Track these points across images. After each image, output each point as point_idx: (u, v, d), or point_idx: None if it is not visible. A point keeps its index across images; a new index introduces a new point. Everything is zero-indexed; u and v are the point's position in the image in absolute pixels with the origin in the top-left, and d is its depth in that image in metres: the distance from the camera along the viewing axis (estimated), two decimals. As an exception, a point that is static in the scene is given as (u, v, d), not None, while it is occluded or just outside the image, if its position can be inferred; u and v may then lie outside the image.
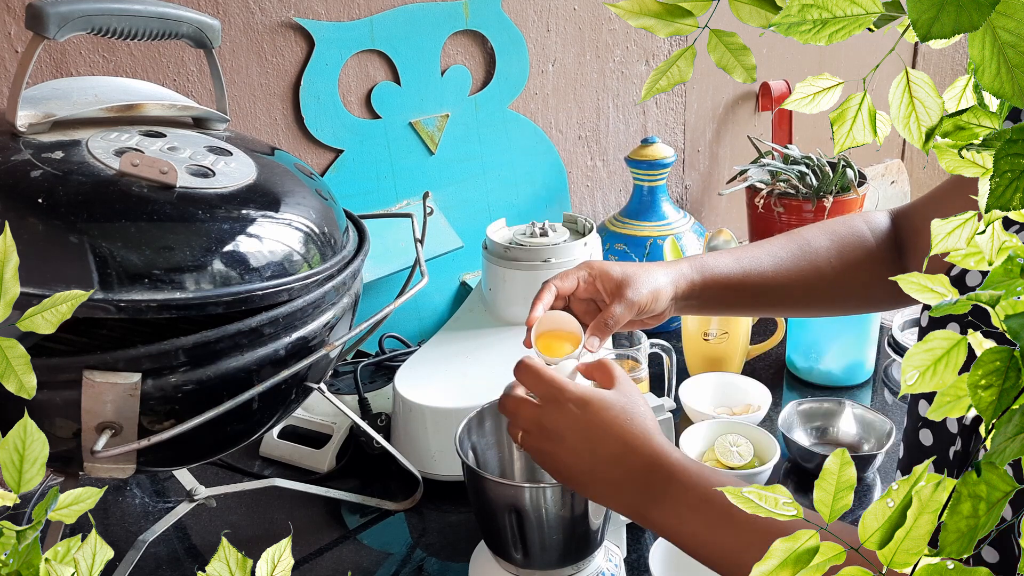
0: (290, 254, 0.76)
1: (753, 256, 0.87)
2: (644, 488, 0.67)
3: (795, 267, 0.87)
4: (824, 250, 0.88)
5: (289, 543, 0.44)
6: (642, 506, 0.67)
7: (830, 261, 0.87)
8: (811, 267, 0.87)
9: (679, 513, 0.65)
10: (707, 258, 0.87)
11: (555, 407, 0.69)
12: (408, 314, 1.34)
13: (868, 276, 0.88)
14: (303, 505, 1.02)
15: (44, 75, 1.01)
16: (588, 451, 0.68)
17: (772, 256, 0.87)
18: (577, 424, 0.68)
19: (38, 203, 0.68)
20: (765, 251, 0.88)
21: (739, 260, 0.87)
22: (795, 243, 0.89)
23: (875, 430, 1.08)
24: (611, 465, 0.68)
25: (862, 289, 0.89)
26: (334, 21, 1.20)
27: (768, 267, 0.87)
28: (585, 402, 0.69)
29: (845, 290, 0.89)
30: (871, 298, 0.91)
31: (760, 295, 0.87)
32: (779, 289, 0.87)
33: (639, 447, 0.68)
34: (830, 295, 0.89)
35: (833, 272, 0.87)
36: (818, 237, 0.89)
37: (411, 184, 1.32)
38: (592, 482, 0.69)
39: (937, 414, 0.33)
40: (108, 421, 0.69)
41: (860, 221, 0.90)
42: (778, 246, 0.88)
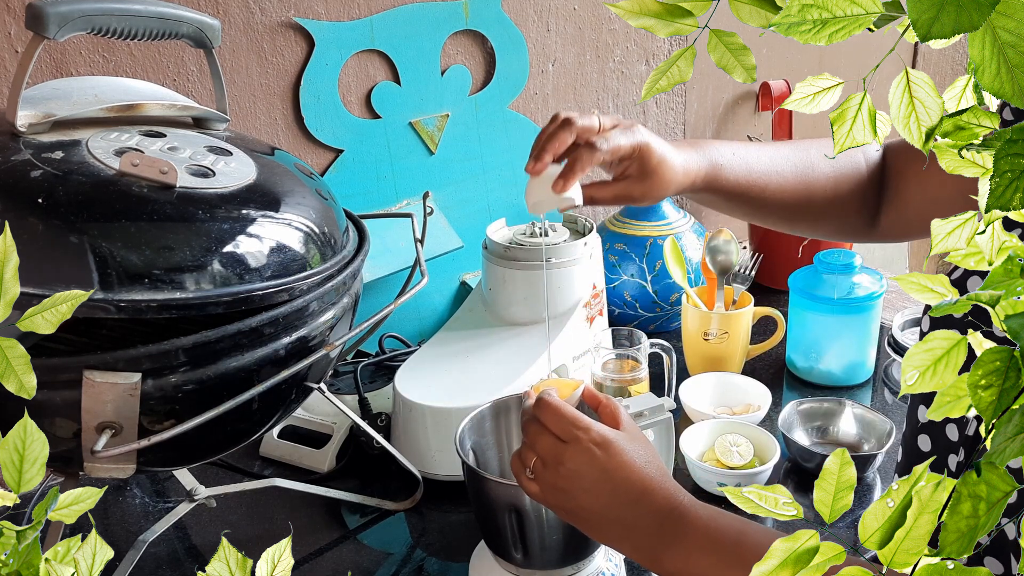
0: (290, 254, 0.76)
1: (763, 167, 0.92)
2: (658, 530, 0.66)
3: (792, 189, 0.93)
4: (823, 178, 0.94)
5: (289, 543, 0.44)
6: (654, 548, 0.66)
7: (824, 191, 0.93)
8: (807, 192, 0.93)
9: (689, 555, 0.65)
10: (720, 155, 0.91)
11: (576, 446, 0.68)
12: (408, 314, 1.34)
13: (852, 209, 0.95)
14: (303, 505, 1.02)
15: (44, 75, 1.01)
16: (607, 492, 0.67)
17: (778, 172, 0.92)
18: (596, 464, 0.68)
19: (38, 203, 0.68)
20: (775, 166, 0.93)
21: (750, 170, 0.91)
22: (802, 164, 0.94)
23: (875, 430, 1.08)
24: (628, 507, 0.67)
25: (843, 220, 0.96)
26: (334, 21, 1.20)
27: (772, 183, 0.92)
28: (607, 443, 0.68)
29: (829, 219, 0.96)
30: (847, 228, 0.98)
31: (755, 206, 0.94)
32: (774, 204, 0.93)
33: (657, 489, 0.67)
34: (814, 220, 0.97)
35: (825, 202, 0.94)
36: (821, 164, 0.94)
37: (411, 184, 1.32)
38: (605, 523, 0.68)
39: (937, 414, 0.33)
40: (108, 421, 0.69)
41: (859, 151, 0.96)
42: (786, 163, 0.93)
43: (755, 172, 0.91)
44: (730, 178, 0.90)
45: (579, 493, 0.68)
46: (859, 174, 0.93)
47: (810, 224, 0.98)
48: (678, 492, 0.68)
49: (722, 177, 0.90)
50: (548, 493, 0.70)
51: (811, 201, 0.93)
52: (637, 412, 0.85)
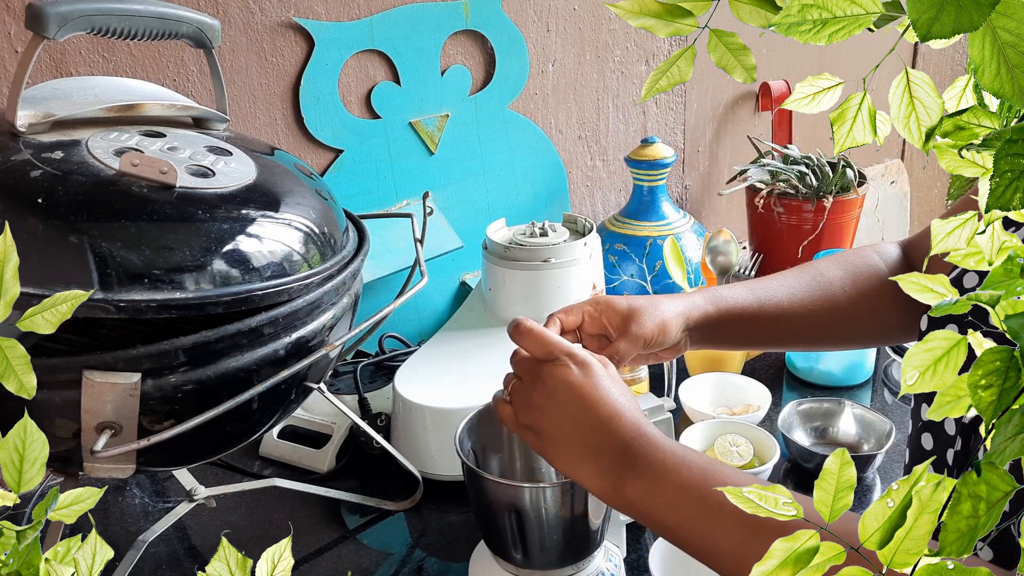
0: (290, 254, 0.76)
1: (767, 287, 0.87)
2: (622, 455, 0.66)
3: (809, 298, 0.87)
4: (839, 280, 0.88)
5: (289, 543, 0.44)
6: (617, 474, 0.65)
7: (844, 291, 0.87)
8: (825, 297, 0.87)
9: (653, 484, 0.64)
10: (720, 289, 0.87)
11: (557, 363, 0.69)
12: (408, 314, 1.34)
13: (883, 305, 0.87)
14: (303, 505, 1.02)
15: (44, 75, 1.01)
16: (578, 410, 0.67)
17: (786, 287, 0.87)
18: (573, 381, 0.68)
19: (38, 203, 0.68)
20: (779, 282, 0.88)
21: (753, 291, 0.86)
22: (808, 274, 0.89)
23: (875, 430, 1.08)
24: (595, 429, 0.67)
25: (878, 319, 0.89)
26: (334, 21, 1.20)
27: (783, 297, 0.86)
28: (588, 365, 0.69)
29: (860, 320, 0.89)
30: (887, 327, 0.90)
31: (776, 327, 0.87)
32: (795, 320, 0.87)
33: (626, 415, 0.67)
34: (846, 325, 0.89)
35: (848, 302, 0.87)
36: (831, 268, 0.89)
37: (411, 184, 1.32)
38: (571, 444, 0.68)
39: (937, 414, 0.33)
40: (108, 421, 0.69)
41: (871, 251, 0.91)
42: (791, 277, 0.88)
43: (760, 290, 0.86)
44: (739, 302, 0.85)
45: (551, 409, 0.68)
46: (877, 270, 0.88)
47: (848, 332, 0.90)
48: (648, 424, 0.68)
49: (729, 302, 0.85)
50: (520, 410, 0.70)
51: (835, 303, 0.87)
52: (637, 412, 0.85)
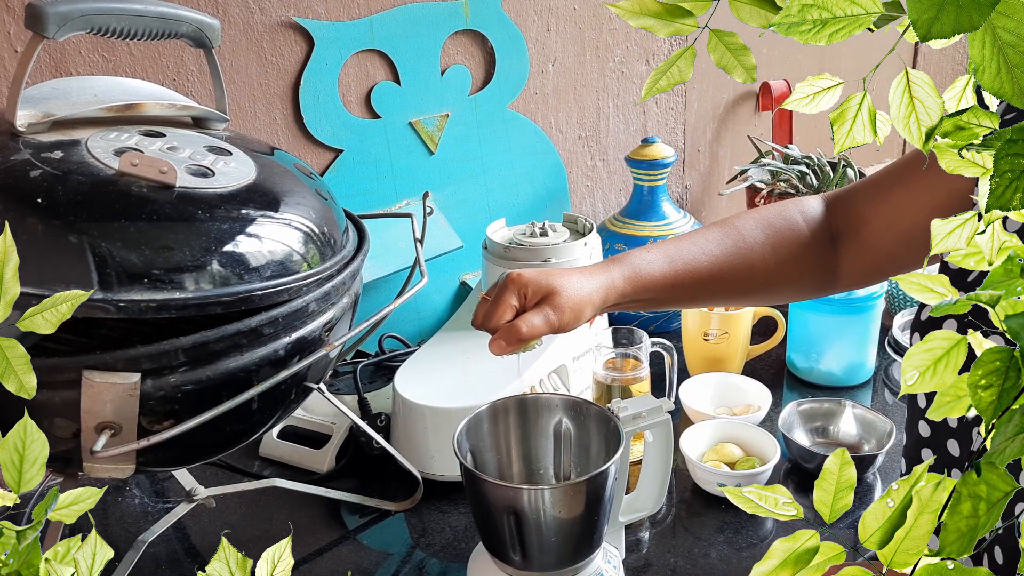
0: (290, 254, 0.76)
1: (687, 255, 0.87)
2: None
3: (728, 264, 0.87)
4: (759, 246, 0.88)
5: (289, 543, 0.44)
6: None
7: (764, 258, 0.88)
8: (744, 263, 0.88)
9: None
10: (637, 260, 0.86)
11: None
12: (408, 314, 1.34)
13: (800, 268, 0.89)
14: (303, 505, 1.02)
15: (44, 75, 1.01)
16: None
17: (706, 254, 0.87)
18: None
19: (38, 203, 0.68)
20: (700, 248, 0.88)
21: (672, 261, 0.87)
22: (730, 239, 0.88)
23: (875, 430, 1.08)
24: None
25: (795, 281, 0.91)
26: (334, 21, 1.20)
27: (702, 265, 0.87)
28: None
29: (777, 283, 0.90)
30: (803, 288, 0.93)
31: (690, 294, 0.88)
32: (711, 285, 0.88)
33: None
34: (763, 288, 0.91)
35: (766, 267, 0.88)
36: (753, 231, 0.89)
37: (411, 184, 1.32)
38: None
39: (937, 414, 0.33)
40: (107, 421, 0.69)
41: (794, 210, 0.90)
42: (713, 241, 0.88)
43: (680, 261, 0.87)
44: (656, 276, 0.86)
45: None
46: (799, 232, 0.89)
47: (764, 293, 0.93)
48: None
49: (645, 279, 0.86)
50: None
51: (753, 270, 0.88)
52: (635, 414, 0.85)
